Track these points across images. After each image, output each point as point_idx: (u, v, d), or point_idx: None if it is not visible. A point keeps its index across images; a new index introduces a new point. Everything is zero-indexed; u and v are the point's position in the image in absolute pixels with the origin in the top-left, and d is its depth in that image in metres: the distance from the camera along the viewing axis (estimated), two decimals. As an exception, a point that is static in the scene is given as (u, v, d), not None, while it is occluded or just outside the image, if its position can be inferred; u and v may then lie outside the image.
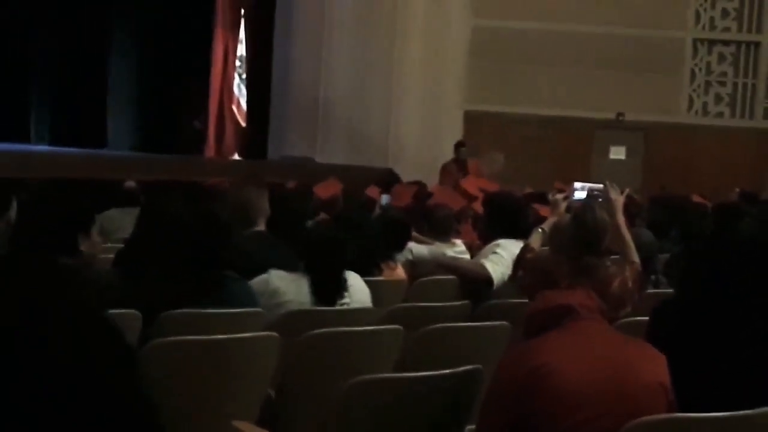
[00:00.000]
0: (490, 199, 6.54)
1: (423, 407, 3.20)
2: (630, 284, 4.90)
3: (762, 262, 3.32)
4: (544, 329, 2.86)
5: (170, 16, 18.48)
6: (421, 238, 6.91)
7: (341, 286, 4.58)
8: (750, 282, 3.26)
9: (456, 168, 15.02)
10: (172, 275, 4.12)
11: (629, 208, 6.87)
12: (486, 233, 6.16)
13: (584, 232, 5.01)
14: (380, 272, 5.63)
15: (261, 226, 5.53)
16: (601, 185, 5.49)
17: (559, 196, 5.85)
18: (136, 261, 4.37)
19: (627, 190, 5.52)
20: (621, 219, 5.17)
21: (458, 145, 15.64)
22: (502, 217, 6.02)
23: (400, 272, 5.93)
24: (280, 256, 4.95)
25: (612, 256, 5.14)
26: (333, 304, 4.54)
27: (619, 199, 5.29)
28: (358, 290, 4.68)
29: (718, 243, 3.56)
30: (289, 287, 4.54)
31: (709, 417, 2.82)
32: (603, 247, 5.06)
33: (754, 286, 3.26)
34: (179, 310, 3.93)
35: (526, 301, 4.22)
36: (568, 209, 5.61)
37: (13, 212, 4.50)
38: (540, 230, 5.47)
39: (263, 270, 4.65)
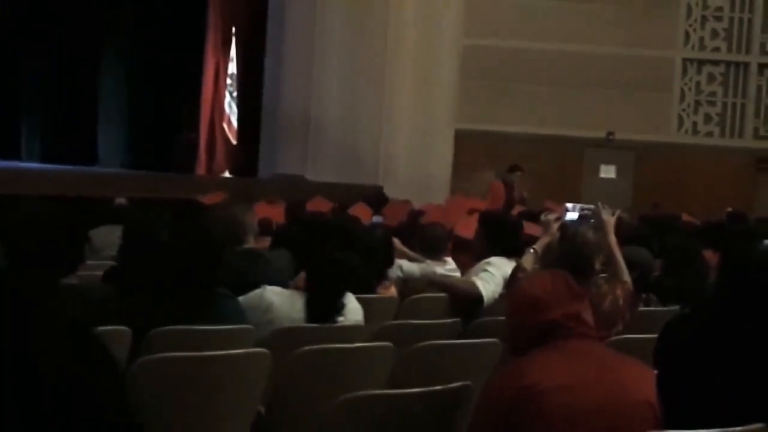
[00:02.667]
0: (484, 218, 6.54)
1: (413, 424, 3.20)
2: (621, 303, 4.93)
3: None
4: (533, 345, 2.87)
5: (162, 34, 18.51)
6: (412, 254, 6.91)
7: (339, 308, 4.58)
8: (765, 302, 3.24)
9: (504, 190, 14.86)
10: (161, 292, 4.11)
11: (619, 229, 6.91)
12: (478, 251, 6.15)
13: (574, 252, 5.05)
14: (374, 292, 5.64)
15: (250, 243, 5.54)
16: (592, 206, 5.54)
17: (551, 217, 5.87)
18: (125, 278, 4.36)
19: (618, 212, 5.54)
20: (613, 239, 5.22)
21: (511, 168, 15.27)
22: (496, 235, 6.03)
23: (393, 292, 5.94)
24: (269, 273, 4.95)
25: (602, 275, 5.17)
26: (330, 322, 4.53)
27: (610, 220, 5.33)
28: (352, 309, 4.67)
29: (736, 262, 3.55)
30: (283, 303, 4.54)
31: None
32: (593, 266, 5.10)
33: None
34: (169, 327, 3.92)
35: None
36: (561, 229, 5.64)
37: None
38: (532, 251, 5.50)
39: (253, 287, 4.65)
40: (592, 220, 5.49)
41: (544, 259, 5.46)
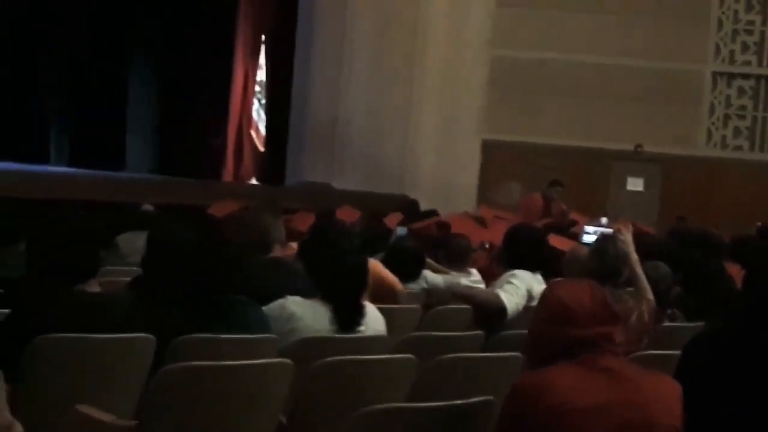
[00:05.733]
0: (508, 231, 6.52)
1: (434, 438, 3.19)
2: (646, 318, 4.93)
3: None
4: (556, 357, 2.84)
5: (191, 40, 18.59)
6: (437, 266, 6.91)
7: (361, 314, 4.57)
8: None
9: (542, 203, 14.62)
10: (184, 300, 4.13)
11: (643, 240, 6.88)
12: (502, 263, 6.14)
13: (607, 262, 5.09)
14: None
15: (277, 252, 5.54)
16: (611, 230, 5.55)
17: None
18: (148, 286, 4.38)
19: (631, 227, 5.50)
20: (635, 256, 5.22)
21: (552, 183, 14.84)
22: (520, 248, 6.00)
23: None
24: (295, 283, 4.94)
25: (628, 289, 5.17)
26: (353, 330, 4.52)
27: (629, 239, 5.32)
28: (373, 318, 4.66)
29: (760, 279, 3.51)
30: (305, 313, 4.52)
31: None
32: (623, 278, 5.12)
33: None
34: (193, 335, 3.94)
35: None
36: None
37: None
38: None
39: (278, 296, 4.65)
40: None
41: (570, 269, 5.46)
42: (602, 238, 5.50)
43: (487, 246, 8.97)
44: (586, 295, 2.89)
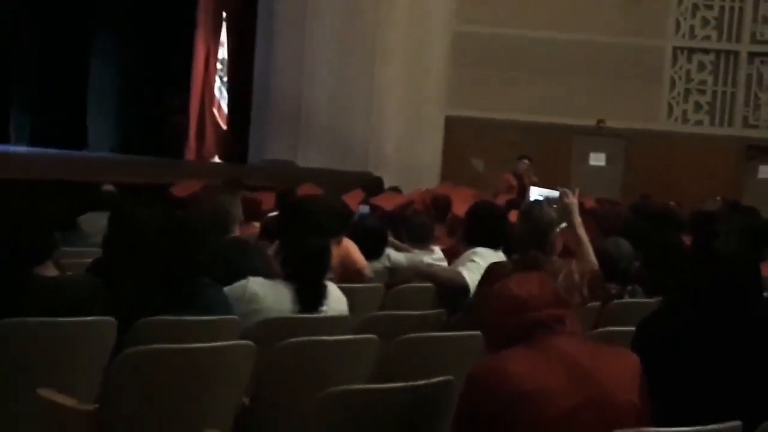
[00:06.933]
0: (470, 208, 6.53)
1: (396, 418, 3.21)
2: (576, 277, 4.97)
3: (743, 277, 3.34)
4: (512, 342, 2.87)
5: (152, 18, 18.45)
6: (399, 244, 6.92)
7: (323, 294, 4.58)
8: (733, 295, 3.28)
9: (517, 181, 14.82)
10: (145, 282, 4.11)
11: (605, 215, 6.91)
12: (465, 241, 6.16)
13: (532, 226, 5.18)
14: None
15: (236, 232, 5.53)
16: (557, 193, 5.55)
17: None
18: (109, 267, 4.35)
19: (577, 191, 5.52)
20: (578, 220, 5.26)
21: (519, 158, 15.30)
22: (482, 225, 6.02)
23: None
24: (255, 263, 4.94)
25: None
26: (315, 311, 4.53)
27: (574, 202, 5.36)
28: (335, 298, 4.67)
29: (701, 257, 3.57)
30: (267, 293, 4.52)
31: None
32: (549, 241, 5.20)
33: (737, 299, 3.28)
34: (155, 317, 3.92)
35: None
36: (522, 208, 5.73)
37: None
38: None
39: (239, 277, 4.64)
40: (555, 206, 5.49)
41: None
42: (530, 203, 5.57)
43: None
44: (535, 284, 2.97)
